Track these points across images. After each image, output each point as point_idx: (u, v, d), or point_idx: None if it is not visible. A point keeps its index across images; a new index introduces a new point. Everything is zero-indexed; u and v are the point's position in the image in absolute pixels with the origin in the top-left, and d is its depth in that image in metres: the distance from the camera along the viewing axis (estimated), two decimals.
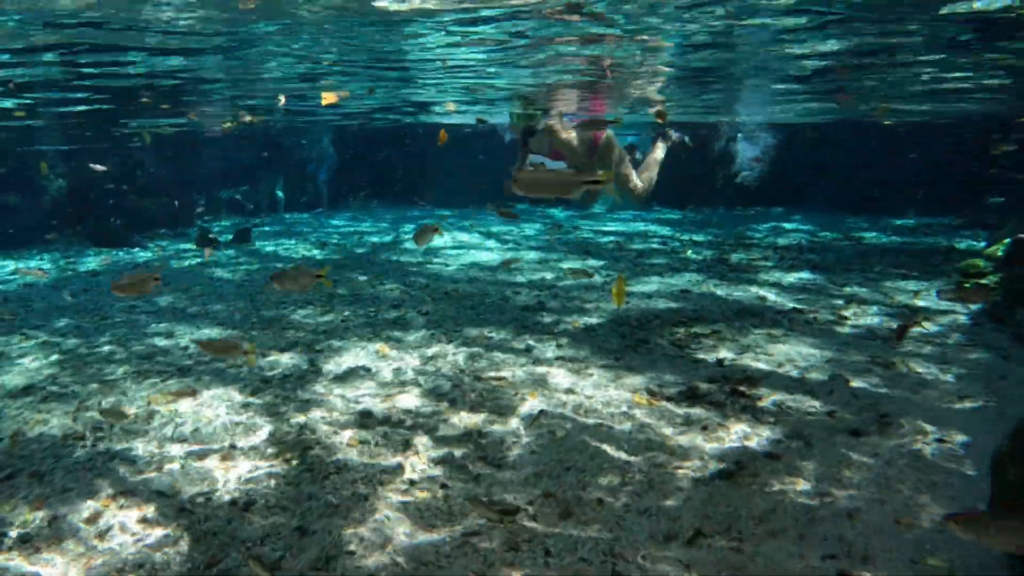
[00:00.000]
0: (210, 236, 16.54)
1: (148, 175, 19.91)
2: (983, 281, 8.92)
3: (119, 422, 5.62)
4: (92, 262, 14.42)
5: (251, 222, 21.20)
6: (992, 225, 14.48)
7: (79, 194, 18.29)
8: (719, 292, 10.05)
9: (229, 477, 4.71)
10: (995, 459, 3.39)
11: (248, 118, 16.50)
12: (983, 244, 12.80)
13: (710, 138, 23.59)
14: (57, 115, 15.16)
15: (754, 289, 10.21)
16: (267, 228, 19.95)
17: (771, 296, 9.74)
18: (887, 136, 22.14)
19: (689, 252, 13.91)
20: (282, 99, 14.20)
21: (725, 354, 7.15)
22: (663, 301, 9.49)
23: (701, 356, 7.12)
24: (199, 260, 14.03)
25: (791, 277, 11.11)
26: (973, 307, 8.66)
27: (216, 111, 16.77)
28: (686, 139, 11.02)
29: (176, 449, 5.14)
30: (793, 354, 7.12)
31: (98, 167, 16.91)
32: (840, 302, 9.32)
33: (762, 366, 6.77)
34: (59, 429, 5.58)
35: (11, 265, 14.28)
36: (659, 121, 11.63)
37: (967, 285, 8.74)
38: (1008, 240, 9.62)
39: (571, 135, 9.15)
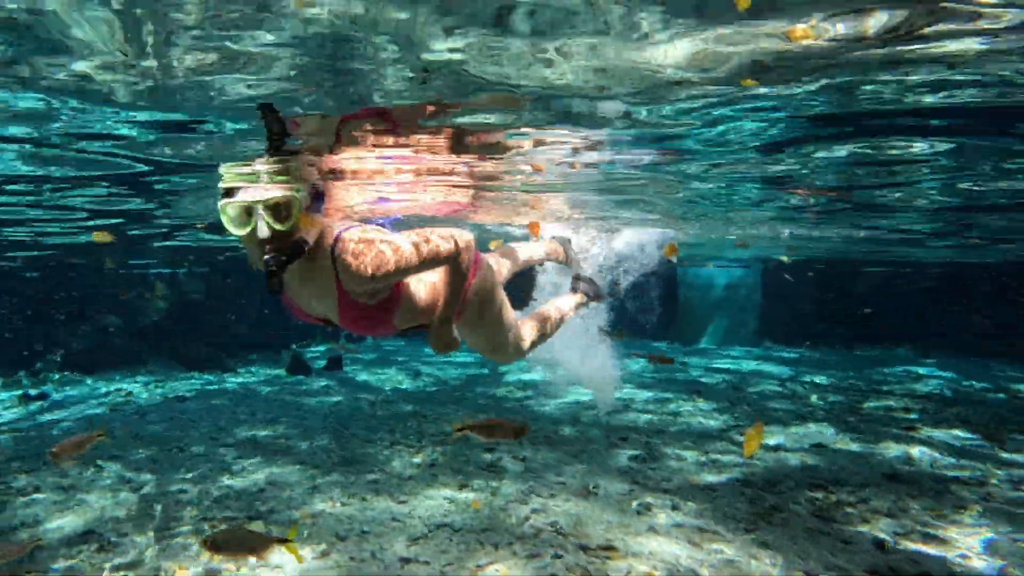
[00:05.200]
0: (302, 362, 16.31)
1: (242, 298, 20.21)
2: None
3: None
4: (182, 386, 14.27)
5: (346, 347, 21.05)
6: None
7: (174, 316, 18.59)
8: (857, 448, 8.72)
9: None
10: None
11: None
12: None
13: (827, 273, 22.33)
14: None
15: (899, 447, 8.82)
16: (362, 355, 19.70)
17: (922, 457, 8.35)
18: None
19: (813, 398, 12.55)
20: None
21: (883, 533, 5.88)
22: (793, 456, 8.26)
23: (852, 533, 5.88)
24: (287, 387, 13.68)
25: (941, 434, 9.63)
26: None
27: None
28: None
29: None
30: (974, 543, 5.77)
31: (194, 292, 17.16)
32: (1019, 472, 7.84)
33: (933, 552, 5.47)
34: None
35: (102, 387, 14.29)
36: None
37: None
38: None
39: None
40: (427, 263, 3.50)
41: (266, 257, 3.14)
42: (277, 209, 3.17)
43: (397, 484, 7.18)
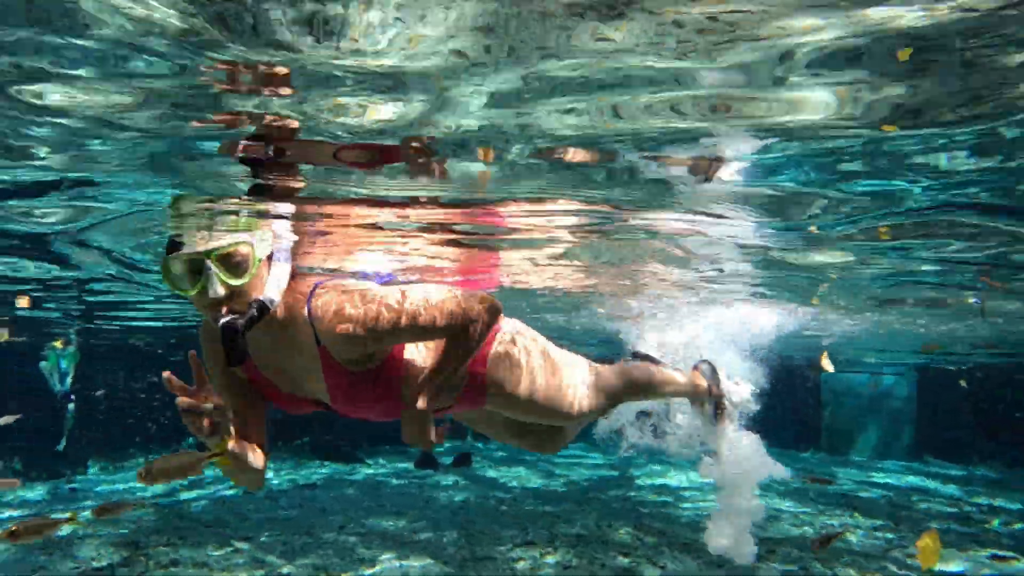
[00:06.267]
0: (430, 457, 16.19)
1: None
2: None
3: None
4: (312, 474, 14.42)
5: (475, 446, 20.83)
6: None
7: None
8: None
9: None
10: None
11: None
12: None
13: (996, 379, 20.33)
14: None
15: None
16: (495, 452, 19.41)
17: None
18: None
19: (995, 522, 11.10)
20: None
21: None
22: None
23: None
24: (415, 480, 13.52)
25: None
26: None
27: None
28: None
29: None
30: None
31: None
32: None
33: None
34: None
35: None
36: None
37: None
38: None
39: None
40: (434, 327, 2.79)
41: (222, 321, 2.53)
42: (230, 260, 2.57)
43: None
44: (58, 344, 14.42)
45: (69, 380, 14.67)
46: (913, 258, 6.52)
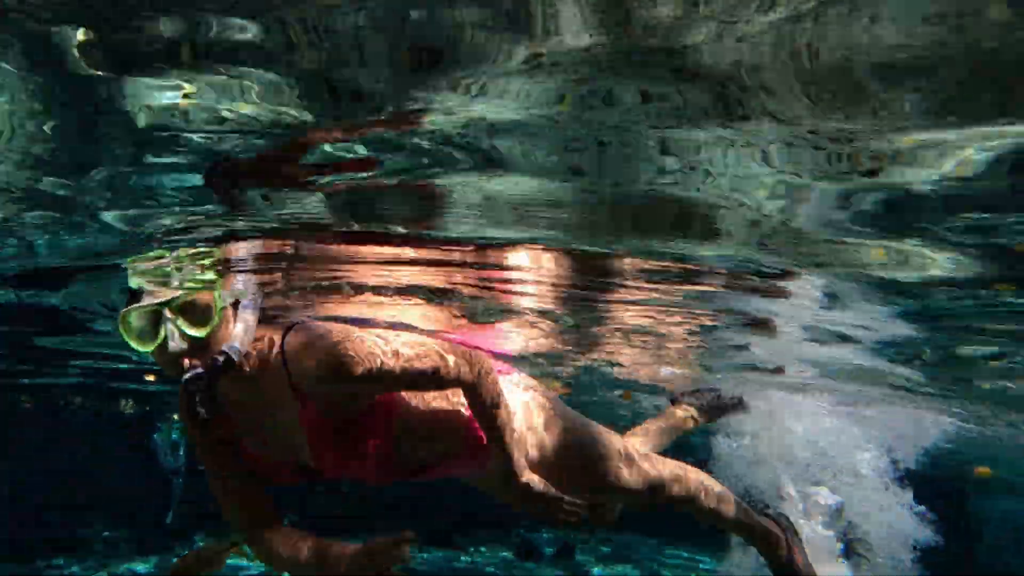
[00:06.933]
0: (533, 547, 15.62)
1: None
2: None
3: None
4: (415, 559, 14.12)
5: (576, 538, 20.01)
6: None
7: None
8: None
9: None
10: None
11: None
12: None
13: None
14: None
15: None
16: (599, 546, 18.55)
17: None
18: None
19: None
20: None
21: None
22: None
23: None
24: (516, 571, 12.97)
25: None
26: None
27: None
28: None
29: None
30: None
31: None
32: None
33: None
34: None
35: None
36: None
37: None
38: None
39: None
40: (424, 375, 2.55)
41: (185, 377, 2.34)
42: (192, 310, 2.39)
43: None
44: (175, 417, 14.91)
45: (181, 454, 15.06)
46: None
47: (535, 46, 1.69)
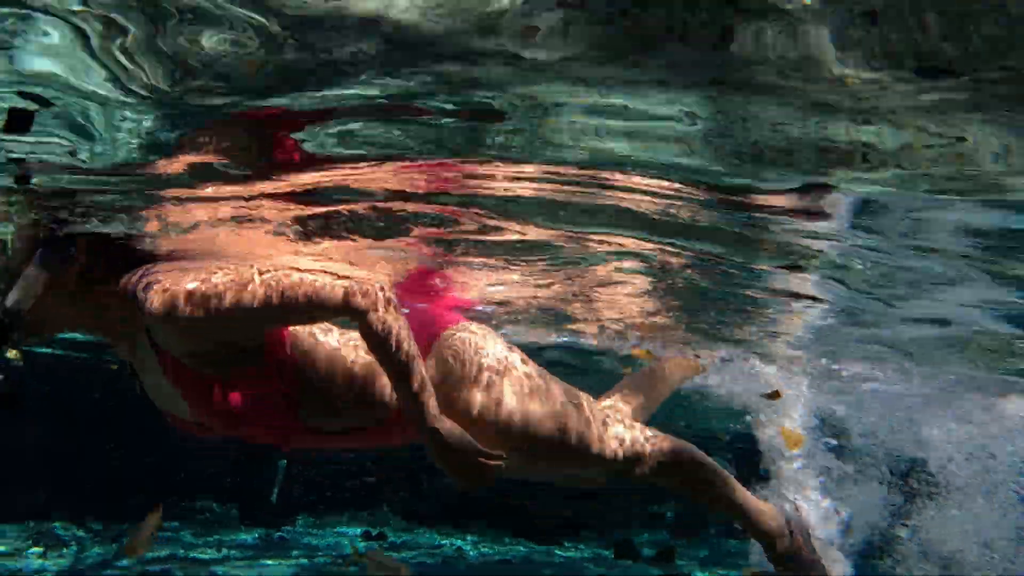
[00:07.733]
0: (631, 547, 15.71)
1: None
2: None
3: None
4: (508, 551, 14.45)
5: (677, 542, 16.49)
6: None
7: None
8: None
9: None
10: None
11: None
12: None
13: None
14: None
15: None
16: (698, 551, 16.38)
17: None
18: None
19: None
20: None
21: None
22: None
23: None
24: (616, 570, 13.47)
25: None
26: None
27: None
28: None
29: None
30: None
31: None
32: None
33: None
34: None
35: (437, 539, 14.56)
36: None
37: None
38: None
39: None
40: (287, 307, 2.16)
41: None
42: None
43: None
44: None
45: None
46: None
47: None
